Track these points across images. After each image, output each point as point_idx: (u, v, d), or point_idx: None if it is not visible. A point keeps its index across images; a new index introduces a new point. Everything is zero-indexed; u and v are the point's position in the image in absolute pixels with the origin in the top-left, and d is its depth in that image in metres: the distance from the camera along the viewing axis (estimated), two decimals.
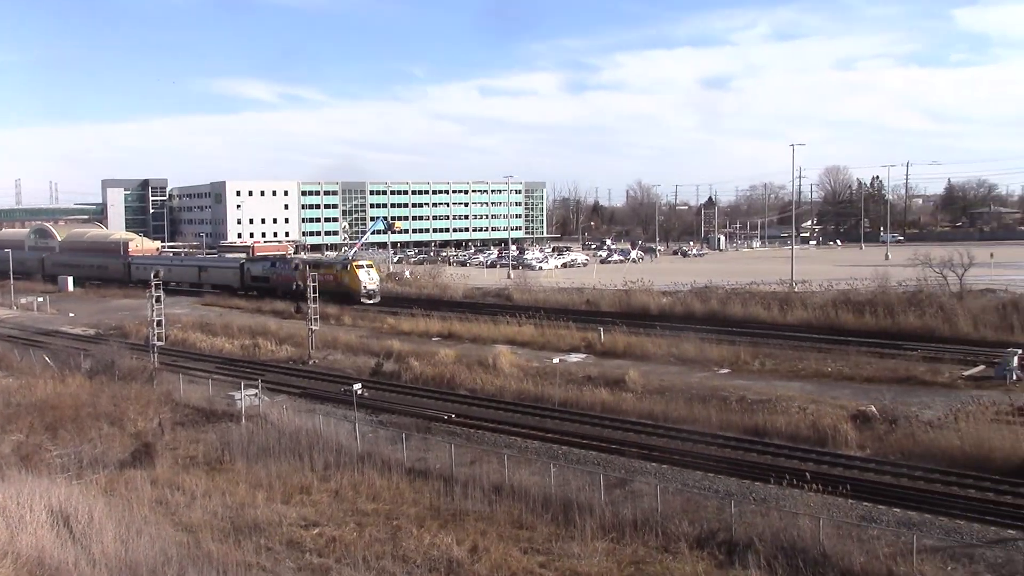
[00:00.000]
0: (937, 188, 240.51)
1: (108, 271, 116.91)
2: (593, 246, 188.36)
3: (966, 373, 43.52)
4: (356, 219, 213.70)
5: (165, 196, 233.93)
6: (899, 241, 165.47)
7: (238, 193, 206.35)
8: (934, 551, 23.28)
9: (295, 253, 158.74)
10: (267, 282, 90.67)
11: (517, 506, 27.46)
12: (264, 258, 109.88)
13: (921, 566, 21.92)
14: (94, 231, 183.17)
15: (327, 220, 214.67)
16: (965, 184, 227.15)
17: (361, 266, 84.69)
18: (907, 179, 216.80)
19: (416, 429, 37.56)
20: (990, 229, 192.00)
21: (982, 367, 44.27)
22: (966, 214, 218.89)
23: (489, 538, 25.03)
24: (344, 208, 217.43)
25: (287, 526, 26.25)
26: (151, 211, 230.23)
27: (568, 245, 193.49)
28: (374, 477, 30.79)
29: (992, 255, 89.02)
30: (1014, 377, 41.17)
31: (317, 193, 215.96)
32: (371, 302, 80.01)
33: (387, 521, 26.83)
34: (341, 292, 79.94)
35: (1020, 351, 42.78)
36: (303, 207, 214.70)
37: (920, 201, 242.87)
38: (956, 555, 23.21)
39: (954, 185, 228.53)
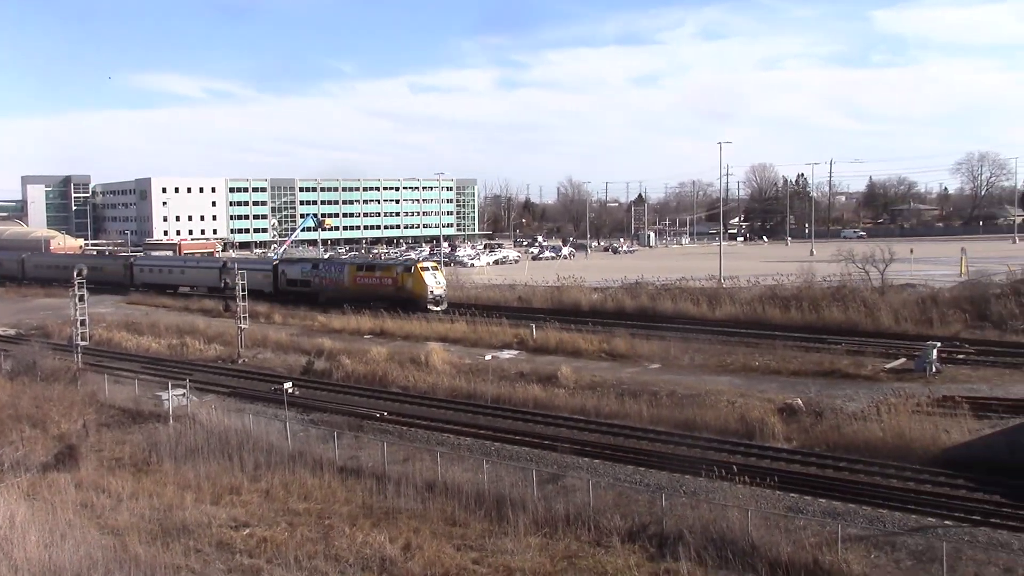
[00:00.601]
0: (860, 185, 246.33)
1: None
2: (525, 243, 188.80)
3: (888, 366, 44.63)
4: (286, 216, 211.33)
5: (88, 193, 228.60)
6: (861, 237, 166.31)
7: (164, 190, 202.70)
8: (858, 540, 23.86)
9: (223, 251, 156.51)
10: (307, 286, 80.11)
11: (450, 503, 27.46)
12: (303, 259, 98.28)
13: (845, 555, 22.43)
14: (14, 228, 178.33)
15: (256, 217, 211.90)
16: (886, 182, 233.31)
17: (427, 268, 73.81)
18: (831, 177, 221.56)
19: (348, 427, 37.30)
20: (910, 226, 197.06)
21: (903, 360, 45.43)
22: (887, 211, 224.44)
23: (422, 536, 24.98)
24: (273, 205, 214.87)
25: (217, 527, 25.87)
26: (74, 208, 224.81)
27: (500, 242, 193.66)
28: (305, 476, 30.53)
29: (912, 251, 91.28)
30: (933, 370, 42.33)
31: (246, 190, 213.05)
32: (438, 309, 69.02)
33: (319, 520, 26.62)
34: (402, 299, 70.53)
35: (939, 344, 43.98)
36: (231, 204, 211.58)
37: (843, 198, 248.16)
38: (879, 543, 23.81)
39: (875, 183, 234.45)
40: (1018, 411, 33.71)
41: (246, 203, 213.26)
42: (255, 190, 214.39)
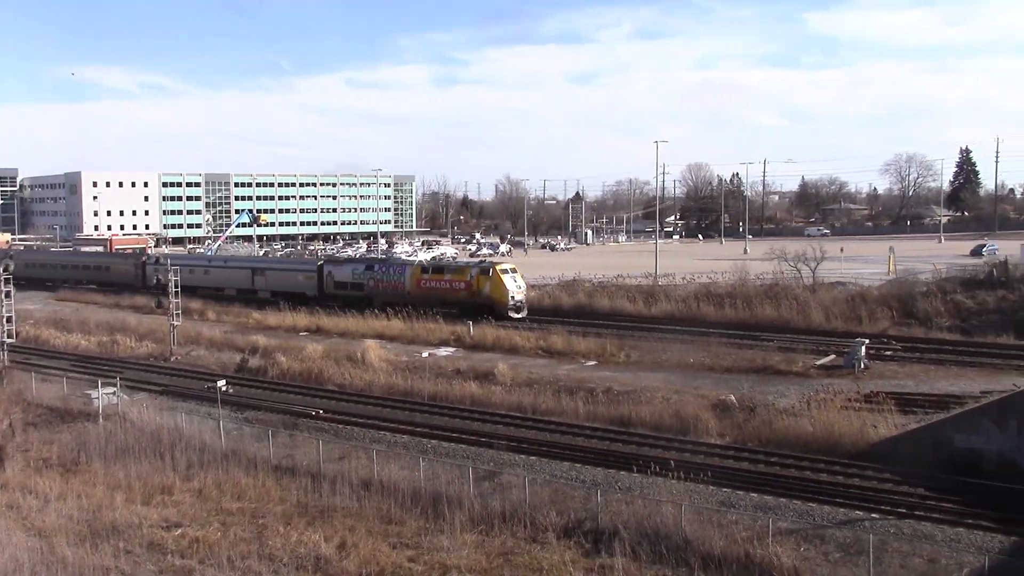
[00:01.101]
0: (792, 185, 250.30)
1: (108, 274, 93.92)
2: (462, 240, 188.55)
3: (818, 362, 45.51)
4: (220, 212, 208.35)
5: (16, 187, 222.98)
6: (825, 235, 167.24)
7: (95, 184, 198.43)
8: (788, 533, 24.33)
9: (156, 247, 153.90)
10: (359, 290, 71.23)
11: (386, 501, 27.43)
12: (355, 259, 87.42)
13: (776, 548, 22.86)
14: None
15: (190, 212, 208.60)
16: (818, 181, 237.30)
17: (506, 271, 65.54)
18: (764, 176, 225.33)
19: (283, 426, 36.99)
20: (840, 225, 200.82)
21: (833, 356, 46.37)
22: (819, 210, 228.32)
23: (358, 534, 24.91)
24: (208, 200, 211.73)
25: (148, 528, 25.51)
26: (0, 202, 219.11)
27: (437, 239, 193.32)
28: (239, 475, 30.22)
29: (842, 249, 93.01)
30: (862, 366, 43.27)
31: (179, 185, 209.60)
32: (519, 316, 62.65)
33: (253, 520, 26.40)
34: (478, 304, 63.20)
35: (867, 341, 44.95)
36: (164, 199, 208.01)
37: (776, 197, 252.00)
38: (809, 536, 24.32)
39: (808, 182, 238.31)
40: (942, 406, 34.62)
41: (180, 198, 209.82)
42: (189, 185, 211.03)
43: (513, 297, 63.30)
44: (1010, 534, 24.10)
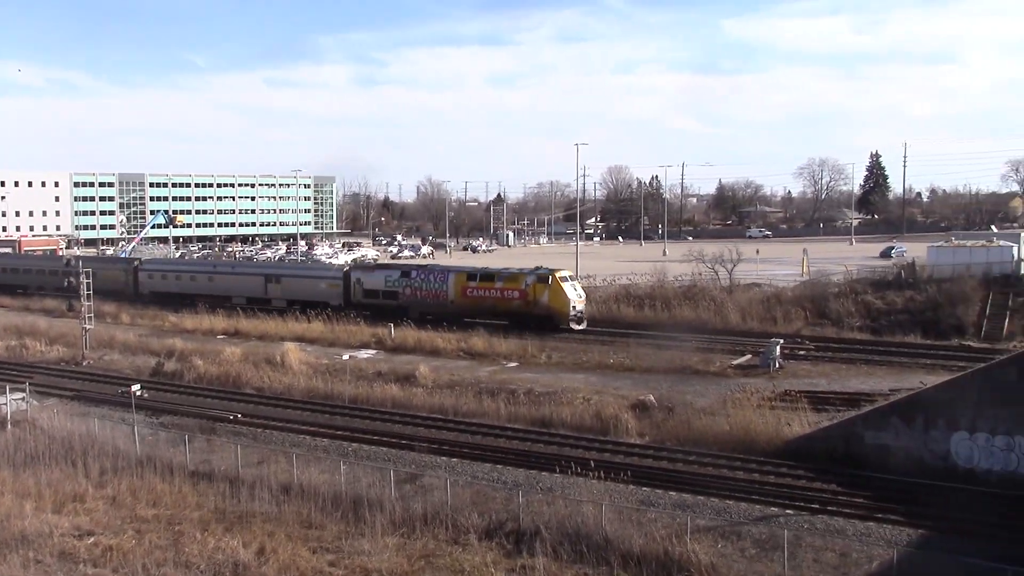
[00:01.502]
0: (710, 188, 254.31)
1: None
2: (384, 241, 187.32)
3: (735, 362, 46.40)
4: (135, 212, 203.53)
5: None
6: (765, 237, 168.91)
7: (2, 184, 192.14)
8: (706, 530, 24.80)
9: (68, 248, 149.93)
10: (394, 299, 64.67)
11: (306, 505, 27.19)
12: (388, 265, 78.74)
13: (694, 545, 23.27)
14: None
15: (103, 213, 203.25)
16: (735, 185, 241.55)
17: (565, 279, 60.39)
18: (683, 179, 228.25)
19: (200, 430, 36.41)
20: (756, 227, 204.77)
21: (749, 356, 47.31)
22: (736, 213, 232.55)
23: (277, 539, 24.64)
24: (122, 200, 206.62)
25: (59, 536, 24.87)
26: None
27: (359, 240, 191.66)
28: (155, 481, 29.65)
29: (758, 252, 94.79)
30: (776, 365, 44.26)
31: (92, 184, 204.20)
32: (580, 328, 58.16)
33: (169, 526, 25.93)
34: (534, 315, 58.33)
35: (782, 341, 45.97)
36: (77, 199, 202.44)
37: (695, 200, 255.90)
38: (726, 533, 24.81)
39: (725, 185, 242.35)
40: (853, 404, 35.60)
41: (92, 198, 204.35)
42: (102, 184, 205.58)
43: (574, 307, 58.42)
44: (917, 527, 24.95)
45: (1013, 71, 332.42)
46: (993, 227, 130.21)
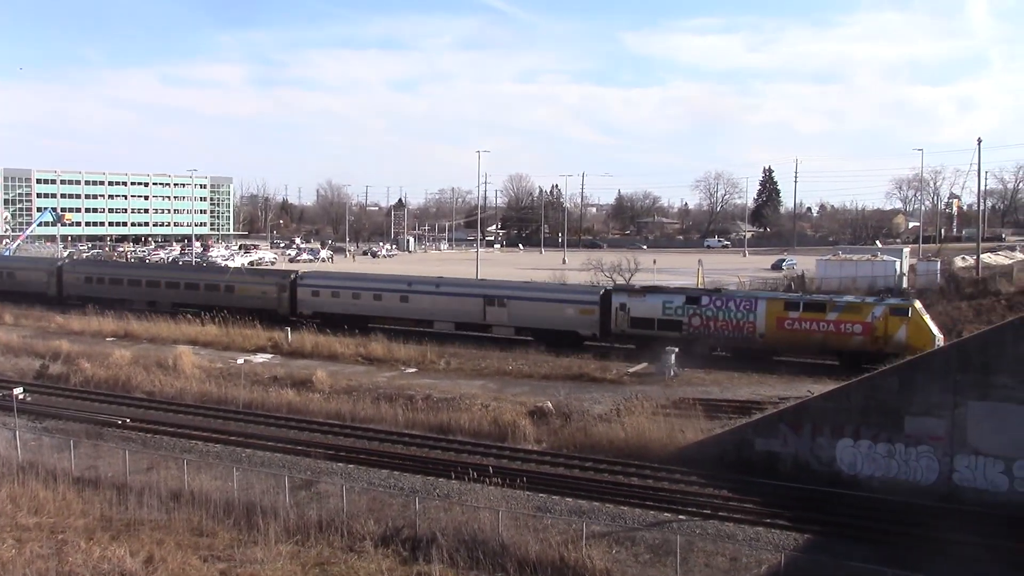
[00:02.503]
0: (609, 198, 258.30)
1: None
2: (282, 245, 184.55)
3: (631, 370, 47.06)
4: (21, 210, 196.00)
5: None
6: (726, 246, 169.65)
7: None
8: (601, 536, 25.12)
9: None
10: (677, 329, 52.74)
11: (197, 513, 26.61)
12: (661, 288, 59.19)
13: (589, 551, 23.57)
14: None
15: None
16: (633, 195, 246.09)
17: (922, 310, 49.50)
18: (583, 188, 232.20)
19: (86, 435, 35.25)
20: (654, 237, 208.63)
21: (645, 364, 48.01)
22: (634, 223, 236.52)
23: (166, 547, 24.04)
24: (6, 197, 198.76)
25: None
26: None
27: (256, 243, 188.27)
28: (37, 488, 28.61)
29: (655, 261, 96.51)
30: (672, 373, 45.08)
31: None
32: None
33: (51, 535, 25.05)
34: (884, 355, 43.66)
35: (677, 349, 46.78)
36: None
37: (595, 209, 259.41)
38: (620, 539, 25.18)
39: (623, 196, 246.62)
40: (744, 411, 36.45)
41: None
42: None
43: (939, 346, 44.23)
44: (803, 532, 25.75)
45: (896, 93, 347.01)
46: (878, 242, 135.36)
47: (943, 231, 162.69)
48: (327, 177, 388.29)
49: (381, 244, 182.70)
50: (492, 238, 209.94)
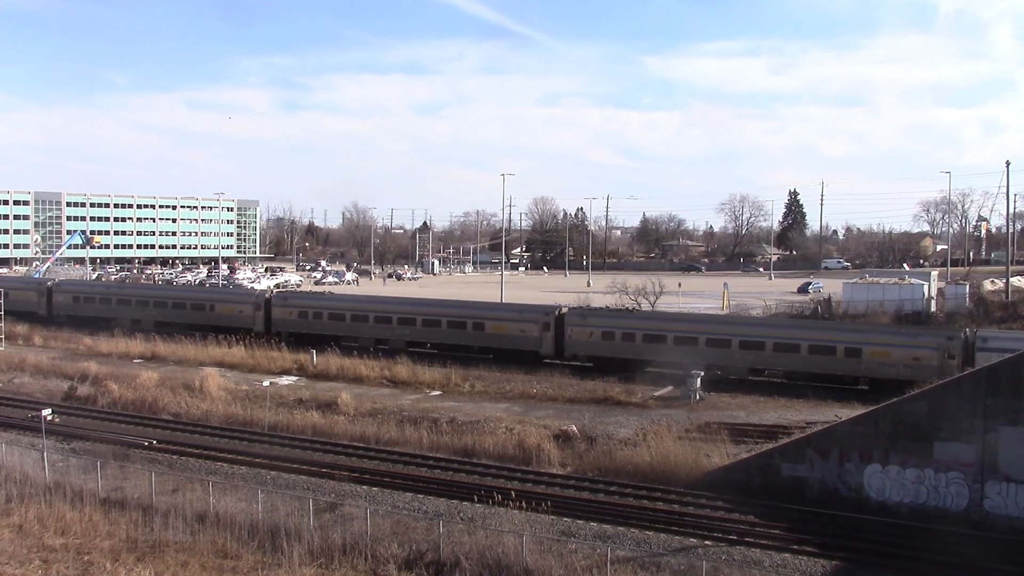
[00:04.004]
0: (634, 221, 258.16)
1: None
2: (308, 267, 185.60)
3: (656, 394, 46.83)
4: (50, 232, 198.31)
5: None
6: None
7: None
8: (626, 561, 24.88)
9: None
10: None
11: (222, 535, 26.61)
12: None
13: None
14: None
15: (17, 232, 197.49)
16: (658, 218, 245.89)
17: None
18: (607, 211, 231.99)
19: (113, 457, 35.41)
20: (679, 260, 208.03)
21: (670, 388, 47.79)
22: (659, 246, 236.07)
23: (191, 569, 24.08)
24: (37, 220, 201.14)
25: None
26: None
27: (282, 266, 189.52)
28: (64, 509, 28.73)
29: (680, 284, 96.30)
30: (697, 397, 44.82)
31: (5, 203, 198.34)
32: None
33: (78, 556, 25.15)
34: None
35: (702, 373, 46.54)
36: None
37: (619, 232, 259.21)
38: (645, 564, 24.93)
39: (648, 219, 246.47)
40: (771, 436, 36.18)
41: (6, 216, 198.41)
42: (16, 203, 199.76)
43: None
44: (831, 558, 25.42)
45: (920, 115, 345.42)
46: (906, 266, 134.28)
47: (971, 254, 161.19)
48: (353, 200, 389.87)
49: (406, 267, 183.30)
50: (517, 261, 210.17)
